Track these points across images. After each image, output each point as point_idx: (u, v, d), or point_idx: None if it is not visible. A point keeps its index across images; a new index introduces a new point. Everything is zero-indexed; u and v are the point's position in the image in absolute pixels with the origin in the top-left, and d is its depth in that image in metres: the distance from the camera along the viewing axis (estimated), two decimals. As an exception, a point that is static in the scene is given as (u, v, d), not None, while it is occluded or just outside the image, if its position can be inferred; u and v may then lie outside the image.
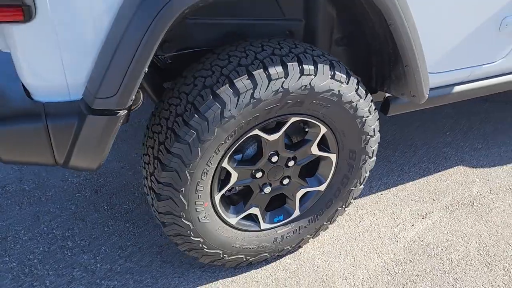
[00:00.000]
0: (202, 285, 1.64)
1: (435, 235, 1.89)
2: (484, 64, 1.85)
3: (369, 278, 1.69)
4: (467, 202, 2.08)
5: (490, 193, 2.13)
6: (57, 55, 1.12)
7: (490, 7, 1.66)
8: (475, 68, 1.84)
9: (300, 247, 1.77)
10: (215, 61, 1.32)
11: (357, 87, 1.42)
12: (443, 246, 1.83)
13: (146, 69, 1.13)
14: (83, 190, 2.06)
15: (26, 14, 1.03)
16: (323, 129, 1.48)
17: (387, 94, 1.73)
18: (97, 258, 1.72)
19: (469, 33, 1.70)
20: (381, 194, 2.11)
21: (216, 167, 1.37)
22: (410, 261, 1.77)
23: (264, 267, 1.72)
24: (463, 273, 1.72)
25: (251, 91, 1.25)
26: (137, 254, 1.74)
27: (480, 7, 1.65)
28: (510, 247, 1.84)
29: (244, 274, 1.69)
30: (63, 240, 1.79)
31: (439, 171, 2.28)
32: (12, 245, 1.75)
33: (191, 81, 1.31)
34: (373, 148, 1.60)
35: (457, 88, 1.84)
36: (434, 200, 2.09)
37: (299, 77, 1.29)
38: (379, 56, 1.60)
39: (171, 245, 1.77)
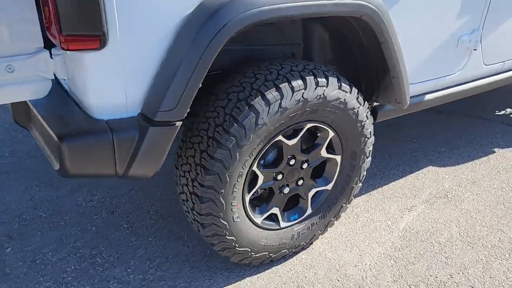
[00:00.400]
0: (232, 283, 1.80)
1: (422, 224, 2.18)
2: (446, 76, 2.22)
3: (375, 264, 1.93)
4: (442, 195, 2.40)
5: (459, 186, 2.47)
6: (121, 79, 1.30)
7: (450, 27, 2.04)
8: (439, 79, 2.20)
9: (311, 243, 1.99)
10: (244, 79, 1.55)
11: (357, 95, 1.70)
12: (430, 232, 2.12)
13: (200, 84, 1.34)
14: (99, 212, 2.16)
15: (102, 43, 1.21)
16: (331, 133, 1.73)
17: (375, 103, 2.03)
18: (128, 270, 1.83)
19: (434, 49, 2.06)
20: (370, 194, 2.39)
21: (248, 170, 1.58)
22: (406, 246, 2.03)
23: (283, 263, 1.91)
24: (451, 252, 2.01)
25: (279, 101, 1.49)
26: (165, 264, 1.87)
27: (443, 27, 2.02)
28: (484, 228, 2.16)
29: (267, 271, 1.87)
30: (91, 257, 1.89)
31: (414, 171, 2.60)
32: (43, 267, 1.83)
33: (225, 96, 1.53)
34: (369, 149, 1.88)
35: (428, 96, 2.19)
36: (415, 195, 2.39)
37: (315, 88, 1.55)
38: (367, 71, 1.90)
39: (195, 253, 1.92)
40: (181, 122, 1.37)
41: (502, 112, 3.35)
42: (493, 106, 3.43)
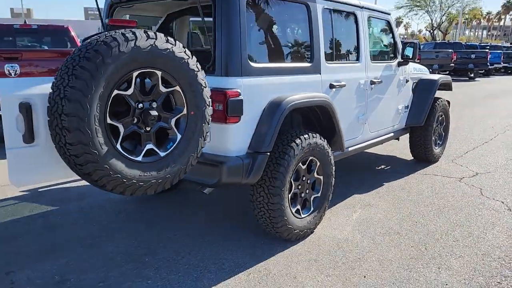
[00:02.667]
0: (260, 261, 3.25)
1: (369, 215, 3.92)
2: (356, 137, 4.21)
3: (347, 234, 3.57)
4: (367, 204, 4.22)
5: (375, 198, 4.34)
6: (243, 135, 2.93)
7: (355, 112, 4.07)
8: (354, 139, 4.17)
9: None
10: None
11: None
12: (369, 221, 3.87)
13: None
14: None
15: (239, 119, 2.85)
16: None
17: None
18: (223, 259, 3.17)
19: (351, 122, 4.04)
20: (331, 210, 4.09)
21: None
22: (366, 226, 3.73)
23: (287, 245, 3.43)
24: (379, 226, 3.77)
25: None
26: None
27: (353, 111, 4.03)
28: (394, 219, 3.99)
29: (283, 252, 3.36)
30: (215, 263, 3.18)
31: (350, 195, 4.41)
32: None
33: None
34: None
35: (351, 148, 4.11)
36: (354, 205, 4.17)
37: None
38: (324, 133, 3.73)
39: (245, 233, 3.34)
40: (270, 152, 3.00)
41: (382, 167, 5.50)
42: (377, 164, 5.58)
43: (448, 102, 5.78)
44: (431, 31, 43.37)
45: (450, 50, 20.04)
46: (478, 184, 4.80)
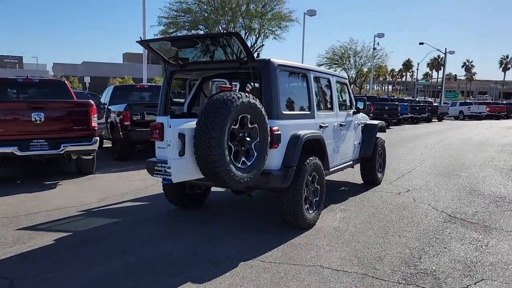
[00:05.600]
0: (280, 245, 4.89)
1: (347, 215, 5.71)
2: (332, 162, 6.07)
3: (340, 225, 5.33)
4: (341, 209, 6.03)
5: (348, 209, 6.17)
6: (279, 156, 4.65)
7: (333, 144, 5.96)
8: (331, 163, 6.03)
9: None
10: (296, 159, 5.03)
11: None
12: (353, 216, 5.67)
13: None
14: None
15: (277, 145, 4.58)
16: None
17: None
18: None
19: (330, 151, 5.91)
20: (322, 212, 5.82)
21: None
22: (346, 220, 5.50)
23: (302, 231, 5.10)
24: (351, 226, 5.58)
25: (310, 163, 5.01)
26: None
27: (332, 144, 5.92)
28: (356, 221, 5.84)
29: (286, 242, 5.03)
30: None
31: (329, 205, 6.19)
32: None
33: (294, 164, 4.95)
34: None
35: (331, 169, 5.95)
36: (335, 210, 5.95)
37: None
38: (318, 157, 5.54)
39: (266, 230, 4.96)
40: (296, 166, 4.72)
41: (343, 188, 7.41)
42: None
43: (384, 141, 7.96)
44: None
45: (369, 103, 23.47)
46: (411, 196, 6.87)
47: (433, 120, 33.79)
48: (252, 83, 4.99)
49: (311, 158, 5.02)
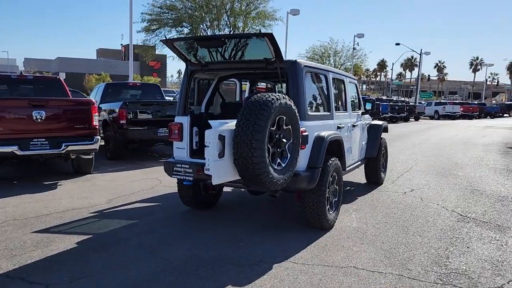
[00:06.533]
0: (304, 246, 4.91)
1: (361, 215, 5.76)
2: (347, 162, 6.12)
3: (359, 225, 5.37)
4: (352, 209, 6.08)
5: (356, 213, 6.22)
6: (305, 157, 4.64)
7: (348, 144, 6.00)
8: (349, 162, 6.08)
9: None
10: (318, 160, 5.04)
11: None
12: (368, 216, 5.72)
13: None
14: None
15: (305, 147, 4.58)
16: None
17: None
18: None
19: (346, 151, 5.95)
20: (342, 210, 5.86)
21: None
22: (363, 220, 5.55)
23: (324, 232, 5.13)
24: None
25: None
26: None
27: (347, 145, 5.96)
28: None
29: (312, 243, 5.05)
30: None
31: (342, 206, 6.23)
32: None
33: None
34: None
35: (348, 168, 5.99)
36: (348, 211, 5.99)
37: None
38: (333, 156, 5.56)
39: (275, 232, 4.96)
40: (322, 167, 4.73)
41: (349, 188, 7.47)
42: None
43: (386, 141, 8.07)
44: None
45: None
46: (417, 195, 7.00)
47: (410, 119, 34.51)
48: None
49: (333, 159, 5.04)
